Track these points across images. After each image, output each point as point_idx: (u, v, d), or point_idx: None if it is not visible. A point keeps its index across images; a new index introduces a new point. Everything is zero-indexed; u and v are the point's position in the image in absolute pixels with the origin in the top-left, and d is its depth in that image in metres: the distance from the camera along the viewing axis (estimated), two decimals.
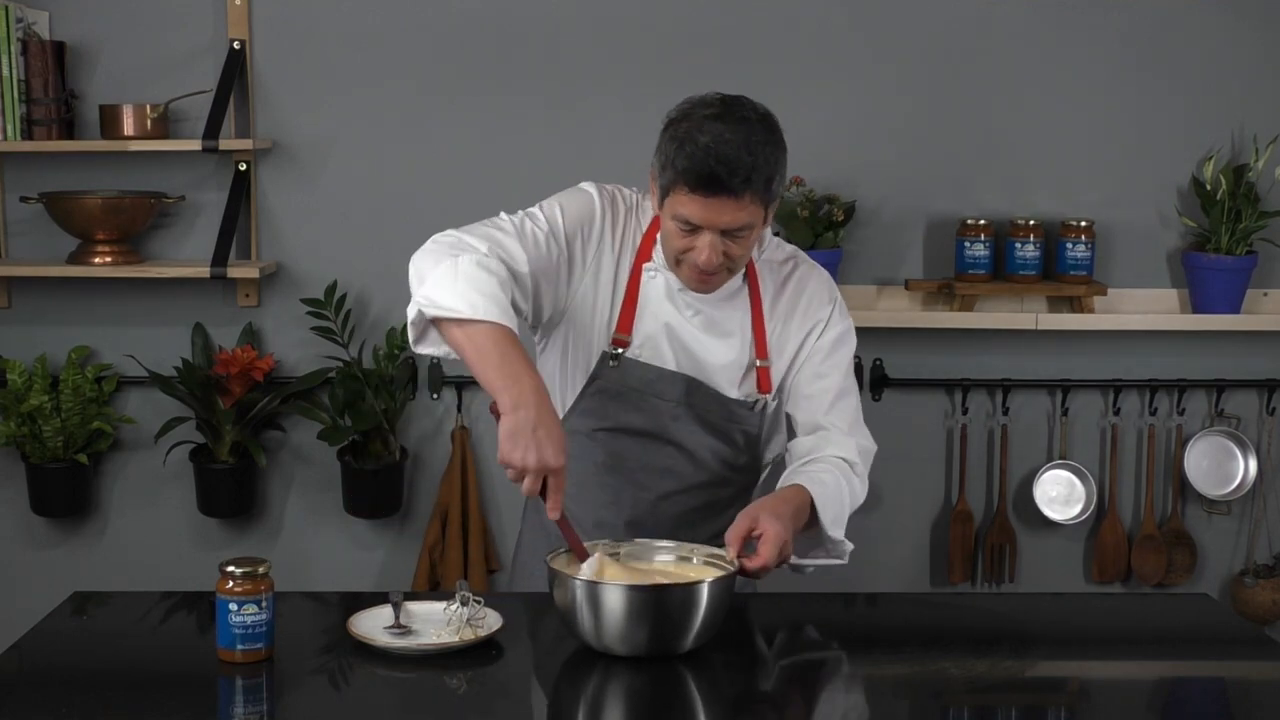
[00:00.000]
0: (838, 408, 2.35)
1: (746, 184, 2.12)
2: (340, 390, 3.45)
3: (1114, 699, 2.09)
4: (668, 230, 2.22)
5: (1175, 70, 3.52)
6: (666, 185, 2.17)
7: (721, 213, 2.14)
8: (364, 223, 3.52)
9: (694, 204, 2.14)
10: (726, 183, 2.11)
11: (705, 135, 2.11)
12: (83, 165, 3.46)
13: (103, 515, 3.62)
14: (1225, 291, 3.47)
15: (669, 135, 2.17)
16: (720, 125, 2.12)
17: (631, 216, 2.34)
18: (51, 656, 2.09)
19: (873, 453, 2.40)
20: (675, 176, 2.14)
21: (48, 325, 3.54)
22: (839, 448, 2.31)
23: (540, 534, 2.44)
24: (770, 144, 2.15)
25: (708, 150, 2.10)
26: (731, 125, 2.13)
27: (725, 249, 2.18)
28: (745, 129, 2.13)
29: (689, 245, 2.19)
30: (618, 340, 2.30)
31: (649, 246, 2.31)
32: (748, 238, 2.20)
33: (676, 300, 2.30)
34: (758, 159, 2.12)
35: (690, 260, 2.21)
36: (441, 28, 3.47)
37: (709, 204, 2.13)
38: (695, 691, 1.98)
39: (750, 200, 2.14)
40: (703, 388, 2.32)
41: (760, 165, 2.12)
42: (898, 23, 3.49)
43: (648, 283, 2.31)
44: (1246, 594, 3.60)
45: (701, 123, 2.13)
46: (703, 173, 2.11)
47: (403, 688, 1.99)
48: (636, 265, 2.31)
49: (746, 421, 2.36)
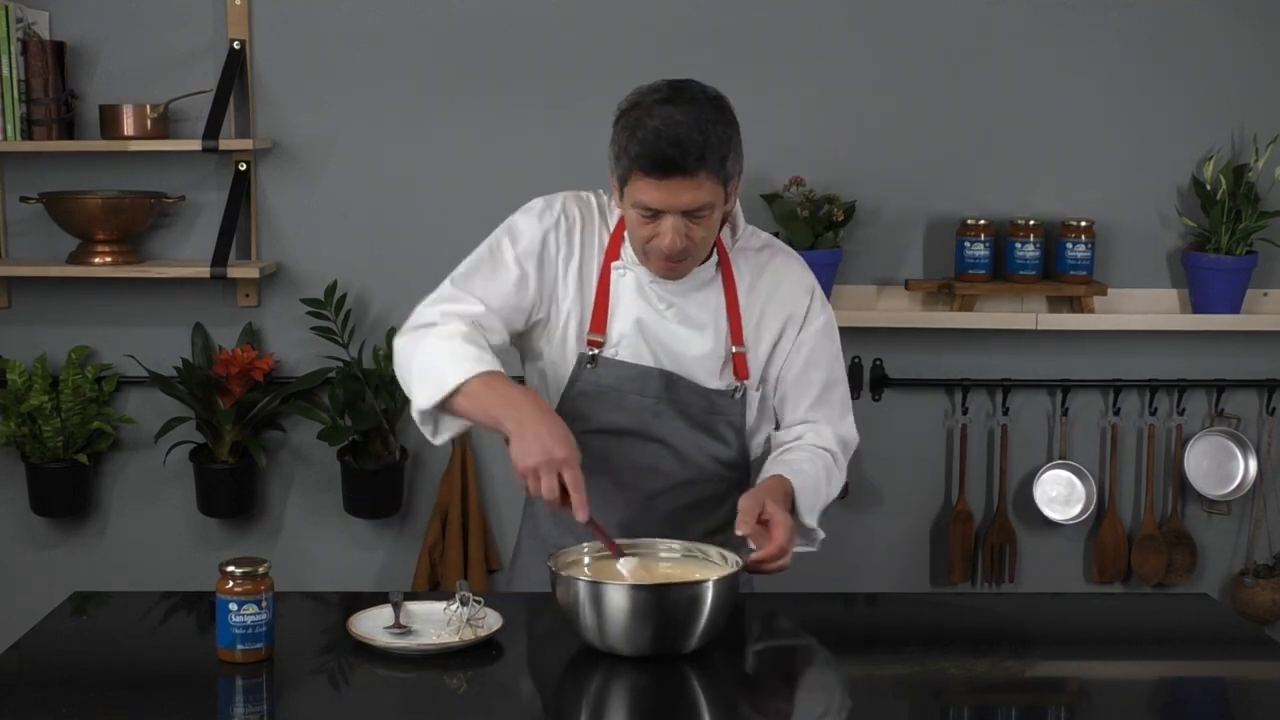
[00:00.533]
0: (823, 401, 2.37)
1: (700, 162, 2.13)
2: (340, 390, 3.45)
3: (1114, 699, 2.09)
4: (630, 220, 2.24)
5: (1175, 70, 3.52)
6: (623, 174, 2.19)
7: (679, 194, 2.15)
8: (364, 223, 3.52)
9: (651, 188, 2.16)
10: (680, 163, 2.12)
11: (654, 119, 2.14)
12: (83, 165, 3.46)
13: (103, 515, 3.62)
14: (1225, 291, 3.47)
15: (620, 125, 2.20)
16: (669, 108, 2.15)
17: (593, 217, 2.35)
18: (51, 656, 2.09)
19: (854, 444, 2.43)
20: (630, 164, 2.16)
21: (48, 325, 3.54)
22: (819, 437, 2.35)
23: (537, 541, 2.45)
24: (721, 122, 2.17)
25: (658, 133, 2.13)
26: (681, 107, 2.15)
27: (688, 231, 2.20)
28: (695, 109, 2.15)
29: (652, 232, 2.21)
30: (592, 341, 2.31)
31: (617, 245, 2.33)
32: (709, 218, 2.21)
33: (648, 295, 2.31)
34: (709, 137, 2.14)
35: (655, 247, 2.22)
36: (441, 28, 3.47)
37: (665, 186, 2.15)
38: (696, 691, 1.98)
39: (706, 178, 2.15)
40: (681, 381, 2.33)
41: (712, 143, 2.14)
42: (898, 23, 3.49)
43: (618, 281, 2.32)
44: (1246, 594, 3.60)
45: (650, 108, 2.16)
46: (655, 155, 2.13)
47: (403, 688, 1.99)
48: (605, 265, 2.32)
49: (729, 412, 2.36)
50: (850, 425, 2.42)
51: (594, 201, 2.38)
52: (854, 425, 2.43)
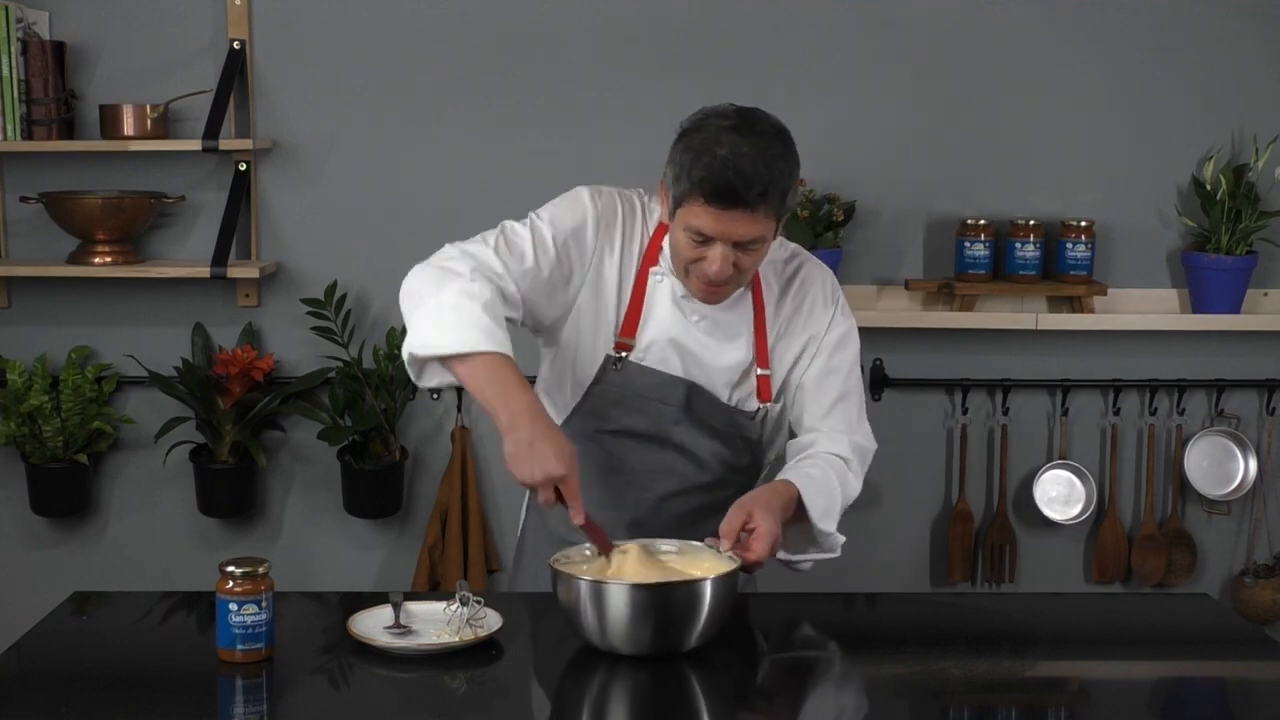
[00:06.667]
0: (837, 410, 2.35)
1: (762, 198, 2.11)
2: (340, 390, 3.45)
3: (1114, 699, 2.09)
4: (678, 241, 2.21)
5: (1175, 70, 3.52)
6: (680, 196, 2.16)
7: (735, 225, 2.13)
8: (364, 223, 3.52)
9: (708, 216, 2.13)
10: (743, 196, 2.10)
11: (722, 148, 2.10)
12: (83, 165, 3.46)
13: (103, 515, 3.62)
14: (1225, 291, 3.47)
15: (684, 145, 2.15)
16: (737, 137, 2.11)
17: (635, 218, 2.32)
18: (51, 656, 2.08)
19: (871, 452, 2.40)
20: (690, 188, 2.13)
21: (48, 325, 3.54)
22: (832, 444, 2.33)
23: (542, 535, 2.44)
24: (785, 158, 2.15)
25: (725, 163, 2.09)
26: (748, 138, 2.11)
27: (736, 260, 2.17)
28: (761, 142, 2.12)
29: (699, 256, 2.18)
30: (621, 344, 2.30)
31: (655, 250, 2.30)
32: (759, 250, 2.19)
33: (682, 306, 2.30)
34: (774, 172, 2.11)
35: (700, 270, 2.20)
36: (442, 28, 3.47)
37: (723, 216, 2.12)
38: (697, 690, 1.98)
39: (764, 214, 2.13)
40: (705, 394, 2.32)
41: (776, 178, 2.12)
42: (898, 23, 3.49)
43: (654, 287, 2.30)
44: (1246, 594, 3.60)
45: (718, 134, 2.12)
46: (720, 185, 2.10)
47: (403, 688, 1.99)
48: (643, 269, 2.30)
49: (747, 429, 2.36)
50: (866, 433, 2.40)
51: (637, 200, 2.35)
52: (870, 434, 2.41)
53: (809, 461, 2.29)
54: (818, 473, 2.26)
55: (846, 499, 2.31)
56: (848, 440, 2.34)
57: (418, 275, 2.21)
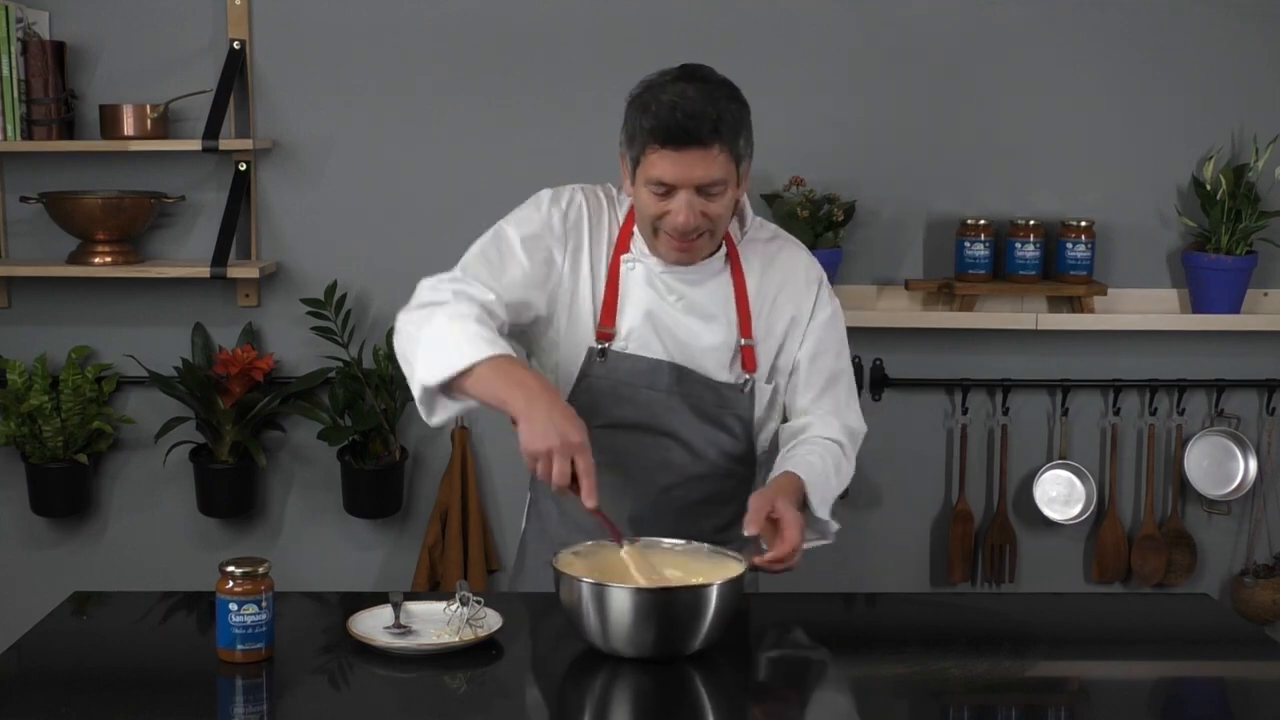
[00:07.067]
0: (828, 393, 2.38)
1: (715, 133, 2.15)
2: (340, 390, 3.45)
3: (1114, 699, 2.09)
4: (643, 200, 2.23)
5: (1175, 70, 3.52)
6: (637, 153, 2.20)
7: (693, 166, 2.16)
8: (364, 223, 3.52)
9: (665, 161, 2.16)
10: (695, 133, 2.14)
11: (668, 94, 2.16)
12: (83, 165, 3.46)
13: (103, 515, 3.62)
14: (1225, 291, 3.47)
15: (633, 107, 2.22)
16: (682, 84, 2.18)
17: (602, 211, 2.35)
18: (51, 656, 2.08)
19: (862, 434, 2.42)
20: (644, 138, 2.17)
21: (48, 325, 3.54)
22: (826, 428, 2.35)
23: (543, 538, 2.44)
24: (734, 100, 2.20)
25: (673, 106, 2.15)
26: (693, 84, 2.18)
27: (702, 208, 2.20)
28: (707, 86, 2.19)
29: (664, 210, 2.21)
30: (602, 334, 2.31)
31: (626, 238, 2.33)
32: (722, 194, 2.21)
33: (657, 286, 2.31)
34: (722, 111, 2.16)
35: (668, 224, 2.22)
36: (442, 28, 3.47)
37: (680, 158, 2.16)
38: (699, 692, 1.98)
39: (720, 151, 2.16)
40: (692, 374, 2.32)
41: (726, 118, 2.16)
42: (898, 23, 3.49)
43: (627, 274, 2.32)
44: (1246, 594, 3.60)
45: (664, 86, 2.19)
46: (670, 126, 2.14)
47: (403, 688, 1.99)
48: (615, 258, 2.32)
49: (738, 405, 2.36)
50: (857, 415, 2.42)
51: (602, 194, 2.37)
52: (860, 415, 2.43)
53: (807, 448, 2.30)
54: (817, 460, 2.28)
55: (841, 483, 2.34)
56: (839, 424, 2.36)
57: (403, 321, 2.24)
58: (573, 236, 2.31)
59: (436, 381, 2.13)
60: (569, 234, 2.31)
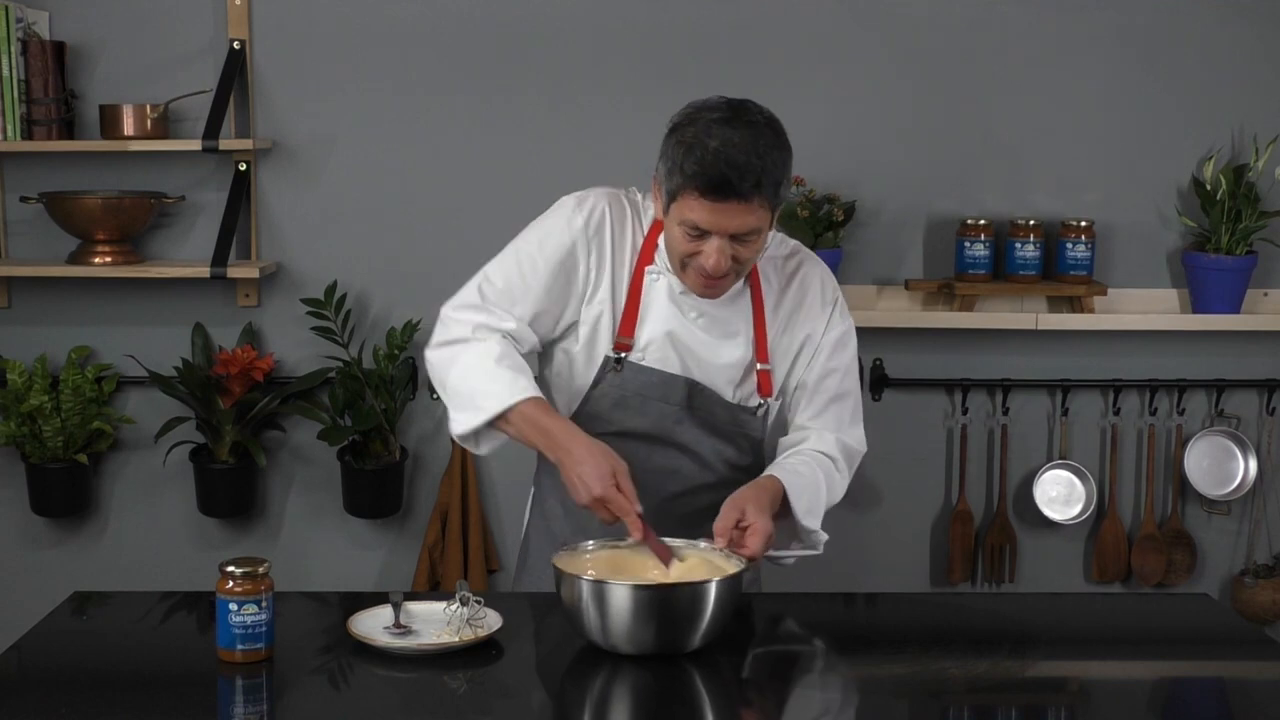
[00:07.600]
0: (830, 410, 2.37)
1: (756, 188, 2.11)
2: (340, 390, 3.45)
3: (1114, 699, 2.09)
4: (673, 235, 2.20)
5: (1175, 70, 3.52)
6: (674, 190, 2.16)
7: (730, 217, 2.13)
8: (364, 223, 3.52)
9: (703, 209, 2.13)
10: (736, 187, 2.10)
11: (714, 140, 2.10)
12: (83, 165, 3.46)
13: (103, 515, 3.62)
14: (1225, 291, 3.47)
15: (675, 140, 2.15)
16: (728, 129, 2.11)
17: (626, 218, 2.32)
18: (51, 656, 2.08)
19: (860, 455, 2.41)
20: (683, 181, 2.13)
21: (48, 325, 3.54)
22: (821, 442, 2.34)
23: (545, 536, 2.44)
24: (778, 147, 2.15)
25: (717, 155, 2.09)
26: (739, 129, 2.11)
27: (734, 253, 2.17)
28: (753, 133, 2.12)
29: (696, 250, 2.18)
30: (620, 344, 2.30)
31: (650, 249, 2.30)
32: (755, 241, 2.19)
33: (679, 303, 2.29)
34: (766, 163, 2.11)
35: (697, 265, 2.19)
36: (442, 28, 3.47)
37: (718, 209, 2.12)
38: (698, 690, 1.98)
39: (759, 204, 2.13)
40: (705, 392, 2.32)
41: (769, 169, 2.12)
42: (898, 23, 3.49)
43: (650, 286, 2.30)
44: (1246, 594, 3.60)
45: (709, 127, 2.12)
46: (713, 177, 2.10)
47: (403, 688, 1.99)
48: (638, 268, 2.30)
49: (750, 426, 2.36)
50: (858, 435, 2.40)
51: (626, 201, 2.34)
52: (863, 436, 2.41)
53: (796, 458, 2.30)
54: (804, 469, 2.28)
55: (831, 499, 2.33)
56: (835, 440, 2.36)
57: (433, 362, 2.30)
58: (595, 245, 2.29)
59: (467, 431, 2.23)
60: (591, 242, 2.29)
